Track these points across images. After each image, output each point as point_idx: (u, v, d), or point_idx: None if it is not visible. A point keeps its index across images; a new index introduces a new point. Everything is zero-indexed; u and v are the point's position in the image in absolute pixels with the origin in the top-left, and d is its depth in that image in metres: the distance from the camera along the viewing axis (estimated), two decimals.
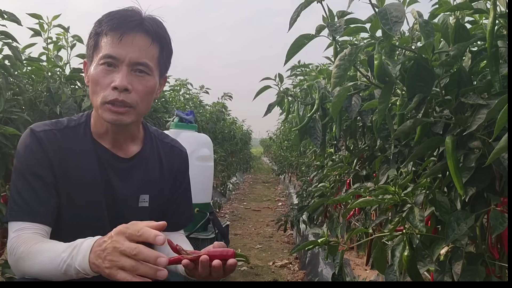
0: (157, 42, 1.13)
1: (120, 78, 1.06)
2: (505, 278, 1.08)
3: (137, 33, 1.09)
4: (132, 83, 1.08)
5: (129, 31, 1.08)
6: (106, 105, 1.08)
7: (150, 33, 1.11)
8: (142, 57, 1.09)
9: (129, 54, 1.07)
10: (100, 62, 1.08)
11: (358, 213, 2.28)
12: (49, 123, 1.17)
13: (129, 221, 1.21)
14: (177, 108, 4.36)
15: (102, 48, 1.09)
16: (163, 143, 1.31)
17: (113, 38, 1.08)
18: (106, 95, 1.07)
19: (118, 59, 1.07)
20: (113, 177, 1.18)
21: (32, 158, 1.10)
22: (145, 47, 1.10)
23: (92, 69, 1.10)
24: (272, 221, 5.56)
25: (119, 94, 1.06)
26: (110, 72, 1.08)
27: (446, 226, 1.00)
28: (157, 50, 1.13)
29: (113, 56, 1.07)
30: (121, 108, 1.08)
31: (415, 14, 1.05)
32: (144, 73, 1.10)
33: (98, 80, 1.08)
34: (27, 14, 2.24)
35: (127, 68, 1.07)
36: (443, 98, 1.07)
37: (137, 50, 1.08)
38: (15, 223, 1.05)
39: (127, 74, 1.07)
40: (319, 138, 1.57)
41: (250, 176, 13.20)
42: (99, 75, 1.08)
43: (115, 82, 1.06)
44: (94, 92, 1.10)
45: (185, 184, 1.34)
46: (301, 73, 2.31)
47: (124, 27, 1.08)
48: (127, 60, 1.07)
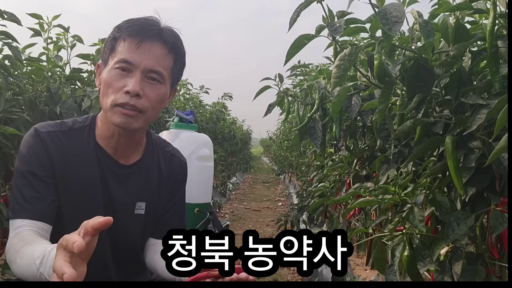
0: (173, 53, 1.14)
1: (133, 83, 1.07)
2: (505, 278, 1.08)
3: (155, 42, 1.11)
4: (144, 89, 1.09)
5: (148, 39, 1.10)
6: (116, 108, 1.08)
7: (167, 44, 1.12)
8: (157, 66, 1.10)
9: (145, 61, 1.09)
10: (115, 66, 1.09)
11: (358, 213, 2.28)
12: (54, 124, 1.17)
13: (125, 227, 1.22)
14: (177, 108, 4.36)
15: (119, 52, 1.10)
16: (163, 152, 1.32)
17: (131, 44, 1.09)
18: (117, 98, 1.08)
19: (134, 65, 1.08)
20: (112, 182, 1.19)
21: (34, 159, 1.11)
22: (161, 56, 1.11)
23: (106, 72, 1.11)
24: (272, 221, 5.56)
25: (130, 99, 1.08)
26: (124, 76, 1.09)
27: (446, 226, 1.00)
28: (171, 60, 1.14)
29: (129, 61, 1.08)
30: (131, 111, 1.09)
31: (415, 14, 1.05)
32: (156, 81, 1.12)
33: (111, 83, 1.09)
34: (27, 14, 2.24)
35: (141, 74, 1.09)
36: (443, 98, 1.07)
37: (153, 58, 1.10)
38: (15, 221, 1.06)
39: (140, 80, 1.09)
40: (319, 138, 1.57)
41: (250, 176, 13.20)
42: (112, 78, 1.09)
43: (128, 87, 1.07)
44: (105, 94, 1.10)
45: (181, 193, 1.35)
46: (301, 73, 2.31)
47: (143, 34, 1.09)
48: (142, 67, 1.09)
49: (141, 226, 1.24)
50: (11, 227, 1.06)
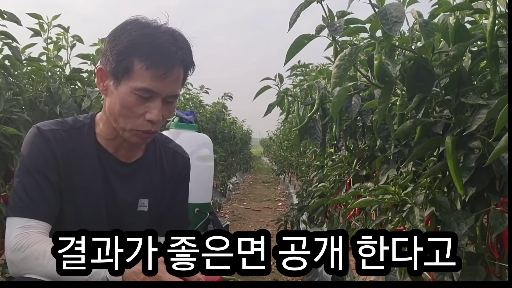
0: (187, 70, 1.14)
1: (157, 113, 1.07)
2: (505, 278, 1.08)
3: (179, 69, 1.09)
4: (163, 112, 1.10)
5: (173, 69, 1.06)
6: (136, 131, 1.10)
7: (188, 67, 1.12)
8: (177, 90, 1.11)
9: (167, 88, 1.08)
10: (136, 92, 1.06)
11: (358, 213, 2.28)
12: (55, 123, 1.17)
13: (128, 225, 1.22)
14: (177, 108, 4.36)
15: (140, 77, 1.05)
16: (166, 148, 1.31)
17: (156, 74, 1.05)
18: (139, 125, 1.08)
19: (157, 93, 1.07)
20: (114, 180, 1.19)
21: (39, 156, 1.10)
22: (180, 79, 1.11)
23: (123, 93, 1.07)
24: (272, 221, 5.56)
25: (152, 126, 1.09)
26: (145, 101, 1.07)
27: (446, 226, 1.00)
28: (183, 75, 1.13)
29: (154, 91, 1.06)
30: (150, 135, 1.12)
31: (415, 14, 1.05)
32: (172, 101, 1.12)
33: (132, 109, 1.07)
34: (27, 14, 2.24)
35: (161, 100, 1.08)
36: (443, 98, 1.07)
37: (174, 84, 1.09)
38: (19, 219, 1.04)
39: (162, 107, 1.09)
40: (319, 138, 1.57)
41: (250, 176, 13.20)
42: (133, 103, 1.07)
43: (152, 116, 1.07)
44: (124, 116, 1.09)
45: (184, 190, 1.34)
46: (301, 73, 2.31)
47: (169, 65, 1.06)
48: (164, 94, 1.08)
49: (145, 224, 1.24)
50: (14, 224, 1.04)
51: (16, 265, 1.01)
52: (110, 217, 1.18)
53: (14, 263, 1.02)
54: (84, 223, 1.14)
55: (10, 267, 1.03)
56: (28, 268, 0.99)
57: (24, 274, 1.00)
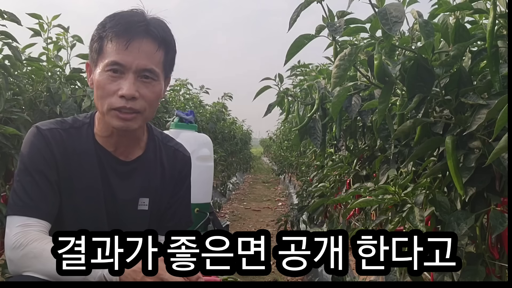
0: (163, 46, 1.12)
1: (128, 87, 1.05)
2: (505, 278, 1.08)
3: (143, 39, 1.08)
4: (139, 90, 1.08)
5: (136, 37, 1.06)
6: (113, 111, 1.08)
7: (156, 39, 1.10)
8: (149, 64, 1.08)
9: (136, 61, 1.06)
10: (106, 69, 1.07)
11: (358, 213, 2.28)
12: (54, 122, 1.17)
13: (128, 223, 1.22)
14: (177, 108, 4.36)
15: (107, 53, 1.07)
16: (166, 147, 1.30)
17: (119, 45, 1.06)
18: (113, 102, 1.07)
19: (125, 66, 1.06)
20: (113, 179, 1.18)
21: (38, 155, 1.11)
22: (151, 53, 1.09)
23: (98, 74, 1.09)
24: (272, 221, 5.56)
25: (126, 102, 1.06)
26: (117, 78, 1.07)
27: (446, 226, 1.00)
28: (162, 54, 1.12)
29: (120, 63, 1.06)
30: (129, 115, 1.08)
31: (415, 14, 1.05)
32: (150, 79, 1.10)
33: (104, 87, 1.07)
34: (27, 14, 2.24)
35: (133, 75, 1.07)
36: (443, 98, 1.07)
37: (144, 57, 1.07)
38: (18, 218, 1.05)
39: (134, 82, 1.07)
40: (319, 138, 1.57)
41: (250, 176, 13.20)
42: (105, 81, 1.07)
43: (123, 91, 1.05)
44: (100, 97, 1.09)
45: (185, 188, 1.33)
46: (301, 73, 2.31)
47: (130, 33, 1.06)
48: (134, 67, 1.06)
49: (145, 222, 1.24)
50: (14, 223, 1.04)
51: (15, 263, 1.01)
52: (110, 216, 1.18)
53: (13, 261, 1.02)
54: (83, 222, 1.14)
55: (10, 265, 1.03)
56: (27, 266, 0.99)
57: (23, 272, 0.99)
